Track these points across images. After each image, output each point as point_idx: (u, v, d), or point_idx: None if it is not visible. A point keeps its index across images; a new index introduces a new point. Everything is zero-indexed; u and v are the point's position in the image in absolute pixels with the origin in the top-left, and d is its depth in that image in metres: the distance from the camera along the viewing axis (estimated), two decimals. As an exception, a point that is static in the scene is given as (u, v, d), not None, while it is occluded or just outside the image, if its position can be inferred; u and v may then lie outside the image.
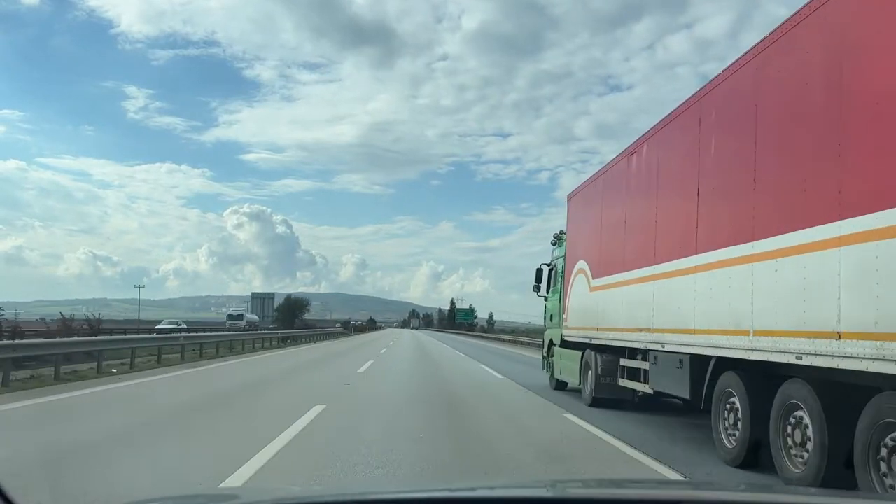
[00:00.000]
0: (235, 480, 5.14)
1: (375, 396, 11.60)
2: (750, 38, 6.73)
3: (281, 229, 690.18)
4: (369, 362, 20.77)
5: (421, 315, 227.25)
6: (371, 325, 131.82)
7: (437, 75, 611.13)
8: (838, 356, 4.52)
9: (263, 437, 6.84)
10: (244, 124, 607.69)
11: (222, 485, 4.99)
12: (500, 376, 16.63)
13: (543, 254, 15.18)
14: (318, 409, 9.07)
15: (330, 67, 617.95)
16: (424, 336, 70.46)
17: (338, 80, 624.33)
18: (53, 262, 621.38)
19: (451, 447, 7.14)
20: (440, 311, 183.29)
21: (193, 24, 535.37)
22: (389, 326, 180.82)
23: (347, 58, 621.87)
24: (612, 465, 6.44)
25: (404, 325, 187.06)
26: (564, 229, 13.29)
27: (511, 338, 50.69)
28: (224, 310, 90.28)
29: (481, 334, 77.17)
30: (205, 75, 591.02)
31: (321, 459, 6.18)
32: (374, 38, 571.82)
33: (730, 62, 6.51)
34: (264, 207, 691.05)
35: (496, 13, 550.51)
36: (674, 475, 5.93)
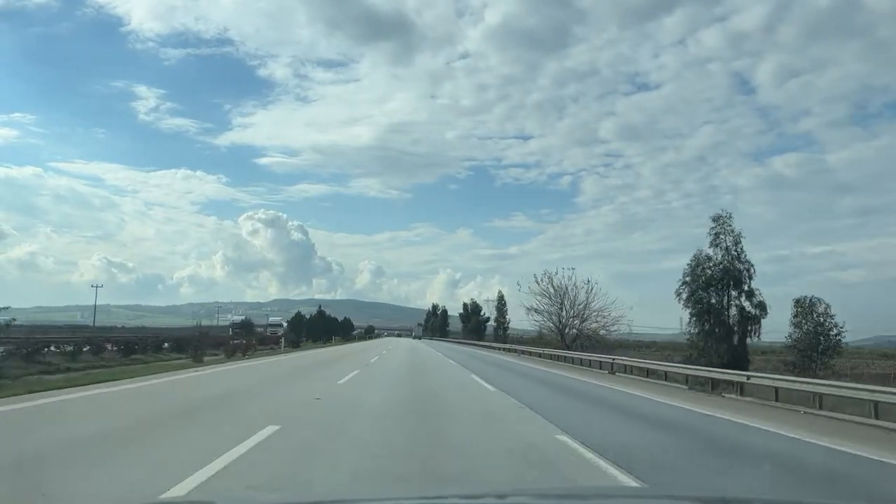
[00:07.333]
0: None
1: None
2: (789, 32, 6.09)
3: (296, 236, 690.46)
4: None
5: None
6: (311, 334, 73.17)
7: (457, 73, 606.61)
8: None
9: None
10: (258, 127, 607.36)
11: None
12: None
13: (562, 261, 13.98)
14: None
15: (346, 65, 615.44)
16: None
17: (354, 80, 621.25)
18: (68, 268, 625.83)
19: None
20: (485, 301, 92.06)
21: (205, 21, 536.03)
22: (399, 334, 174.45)
23: (364, 54, 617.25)
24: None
25: (413, 331, 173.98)
26: (580, 238, 10.87)
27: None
28: (229, 316, 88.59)
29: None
30: (217, 75, 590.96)
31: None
32: (392, 32, 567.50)
33: (763, 57, 5.64)
34: (280, 213, 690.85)
35: (520, 5, 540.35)
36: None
